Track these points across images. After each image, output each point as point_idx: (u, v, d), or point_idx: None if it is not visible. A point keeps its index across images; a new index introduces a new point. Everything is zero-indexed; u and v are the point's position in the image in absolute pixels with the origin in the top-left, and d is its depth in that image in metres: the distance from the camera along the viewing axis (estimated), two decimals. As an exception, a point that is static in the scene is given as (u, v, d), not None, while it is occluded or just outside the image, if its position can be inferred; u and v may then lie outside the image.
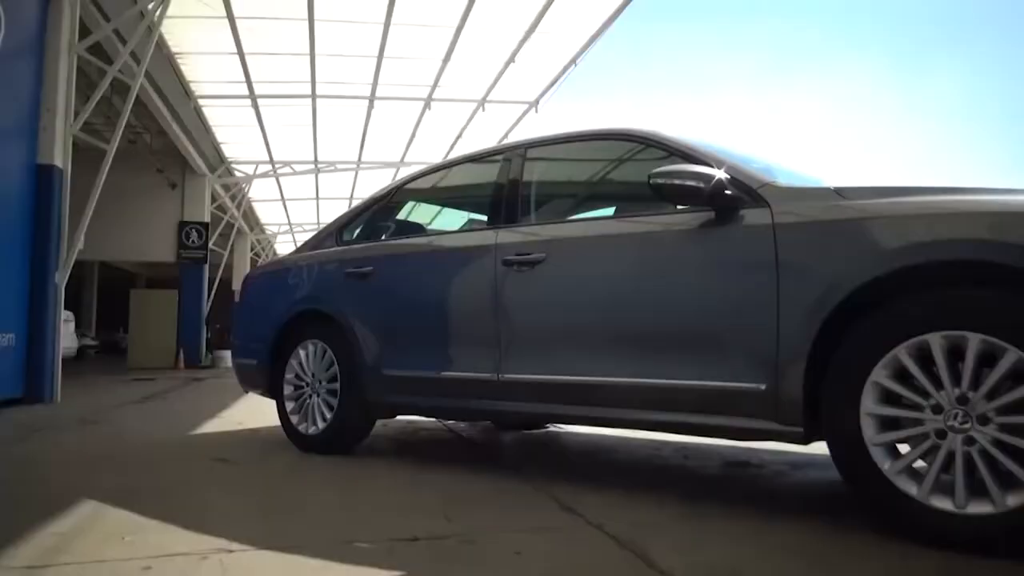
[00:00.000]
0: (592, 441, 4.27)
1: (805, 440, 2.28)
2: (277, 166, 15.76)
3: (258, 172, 16.15)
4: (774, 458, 3.51)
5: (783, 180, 2.54)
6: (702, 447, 3.87)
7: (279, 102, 12.15)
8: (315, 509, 2.59)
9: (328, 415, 3.73)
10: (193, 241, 15.14)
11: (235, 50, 10.00)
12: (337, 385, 3.70)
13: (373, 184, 15.21)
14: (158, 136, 13.27)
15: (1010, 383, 1.87)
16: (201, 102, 12.12)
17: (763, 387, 2.29)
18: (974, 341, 1.91)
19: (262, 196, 19.52)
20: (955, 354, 1.96)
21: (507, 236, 3.14)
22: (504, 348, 3.04)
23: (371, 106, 12.40)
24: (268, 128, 13.36)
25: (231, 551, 2.03)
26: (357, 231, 4.13)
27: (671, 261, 2.65)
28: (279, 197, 19.21)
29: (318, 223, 21.29)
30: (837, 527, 2.21)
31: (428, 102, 12.37)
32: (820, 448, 2.30)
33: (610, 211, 3.49)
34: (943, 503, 1.93)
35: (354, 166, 15.83)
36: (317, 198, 19.15)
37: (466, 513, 2.46)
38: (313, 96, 11.91)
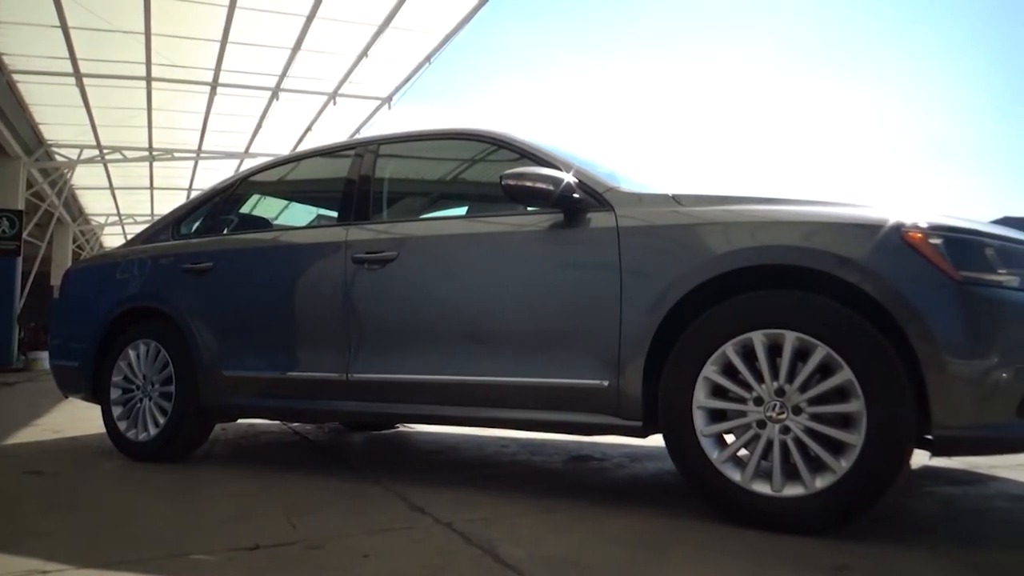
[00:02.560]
0: (441, 440, 4.28)
1: (643, 433, 2.41)
2: (105, 152, 14.53)
3: (83, 157, 14.81)
4: (615, 451, 3.68)
5: (625, 186, 2.67)
6: (548, 442, 3.99)
7: (109, 83, 11.23)
8: (145, 522, 2.42)
9: (161, 420, 3.49)
10: (4, 231, 13.61)
11: (58, 23, 9.14)
12: (172, 388, 3.47)
13: (214, 176, 14.40)
14: (-38, 112, 11.85)
15: (819, 376, 2.08)
16: (16, 77, 10.96)
17: (606, 384, 2.40)
18: (790, 339, 2.10)
19: (88, 184, 17.93)
20: (776, 351, 2.14)
21: (358, 233, 3.09)
22: (353, 347, 2.98)
23: (213, 92, 11.75)
24: (96, 110, 12.30)
25: (46, 572, 1.86)
26: (196, 224, 3.90)
27: (520, 261, 2.70)
28: (107, 185, 17.73)
29: (152, 215, 19.87)
30: (670, 514, 2.35)
31: (276, 92, 11.89)
32: (657, 440, 2.44)
33: (462, 211, 3.52)
34: (763, 487, 2.12)
35: (193, 155, 14.92)
36: (151, 188, 17.87)
37: (312, 518, 2.39)
38: (148, 79, 11.10)
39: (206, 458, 3.65)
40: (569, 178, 2.56)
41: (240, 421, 4.47)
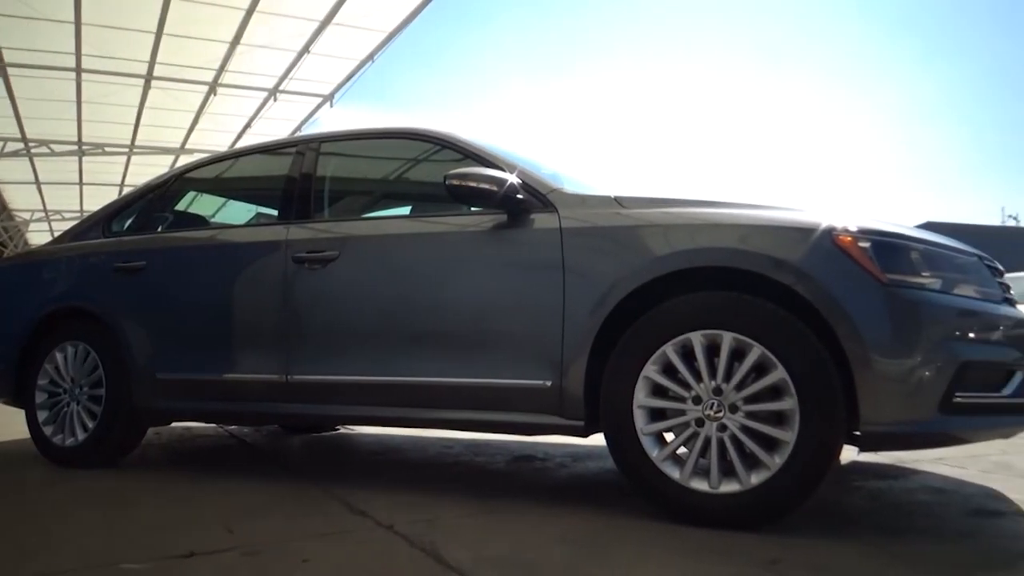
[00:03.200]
0: (383, 441, 4.24)
1: (585, 433, 2.44)
2: (31, 145, 13.95)
3: (6, 150, 14.18)
4: (557, 451, 3.71)
5: (569, 187, 2.69)
6: (491, 443, 3.99)
7: (36, 73, 10.77)
8: (73, 531, 2.33)
9: (90, 424, 3.36)
10: (-80, 226, 12.95)
11: (-22, 9, 8.74)
12: (102, 391, 3.35)
13: (148, 172, 13.96)
14: None
15: (755, 375, 2.13)
16: (-67, 65, 10.44)
17: (548, 384, 2.41)
18: (727, 339, 2.15)
19: (12, 178, 17.18)
20: (714, 350, 2.19)
21: (299, 232, 3.03)
22: (293, 348, 2.93)
23: (147, 86, 11.40)
24: (21, 102, 11.79)
25: (-36, 584, 1.78)
26: (129, 221, 3.78)
27: (464, 261, 2.70)
28: (33, 180, 17.02)
29: (82, 212, 19.16)
30: (611, 512, 2.38)
31: (214, 87, 11.61)
32: (598, 440, 2.47)
33: (406, 210, 3.50)
34: (700, 485, 2.16)
35: (126, 150, 14.44)
36: (81, 183, 17.25)
37: (250, 523, 2.34)
38: (78, 70, 10.71)
39: (138, 463, 3.53)
40: (513, 179, 2.57)
41: (175, 425, 4.34)
